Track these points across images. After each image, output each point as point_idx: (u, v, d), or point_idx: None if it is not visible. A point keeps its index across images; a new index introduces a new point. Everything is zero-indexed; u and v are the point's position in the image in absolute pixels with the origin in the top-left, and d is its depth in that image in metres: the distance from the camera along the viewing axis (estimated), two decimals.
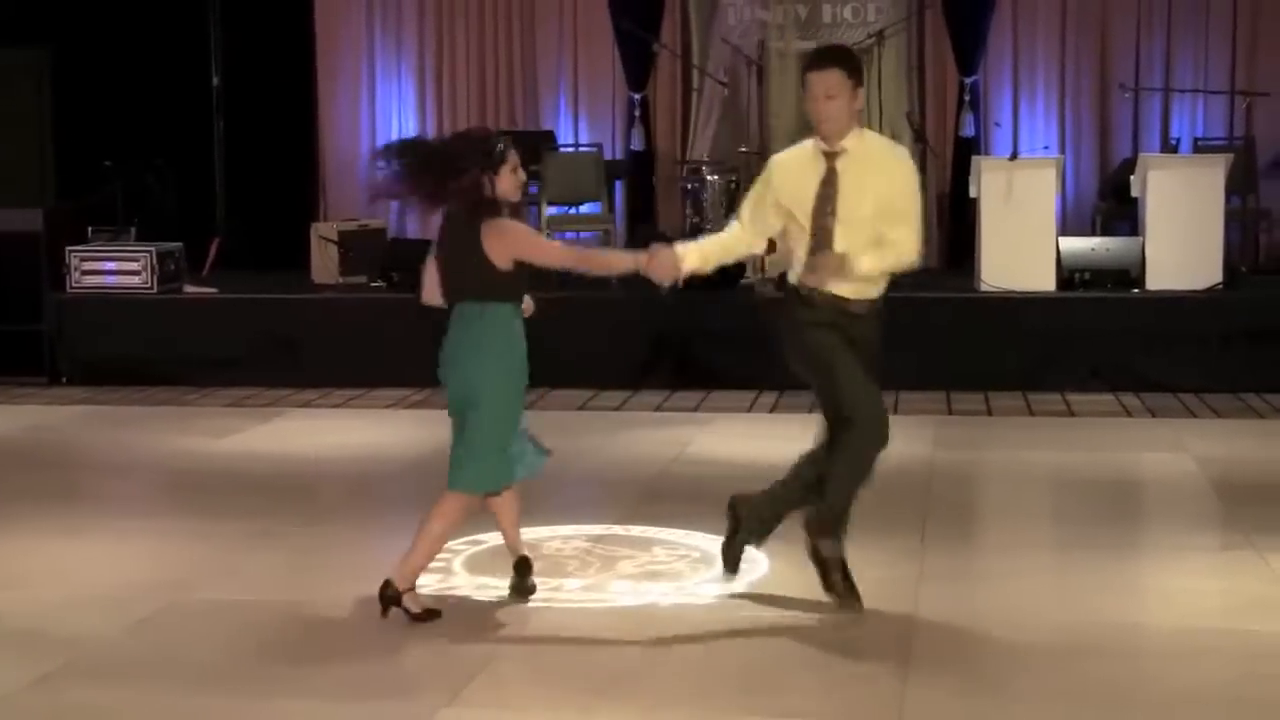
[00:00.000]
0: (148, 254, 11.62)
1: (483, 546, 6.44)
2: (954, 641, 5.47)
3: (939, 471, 8.15)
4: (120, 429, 9.80)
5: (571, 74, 14.15)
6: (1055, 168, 11.24)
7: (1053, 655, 5.30)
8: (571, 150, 13.49)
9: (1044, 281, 10.95)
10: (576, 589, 6.10)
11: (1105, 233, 12.15)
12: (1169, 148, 12.72)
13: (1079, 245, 11.32)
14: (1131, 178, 11.28)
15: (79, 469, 8.91)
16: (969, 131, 13.40)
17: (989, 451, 8.68)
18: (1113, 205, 12.47)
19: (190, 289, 11.96)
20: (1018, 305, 10.74)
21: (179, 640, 5.59)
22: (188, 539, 6.98)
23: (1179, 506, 7.64)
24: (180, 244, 12.12)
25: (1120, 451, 8.76)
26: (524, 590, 5.94)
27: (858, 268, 5.49)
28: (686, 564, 6.45)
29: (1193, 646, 5.41)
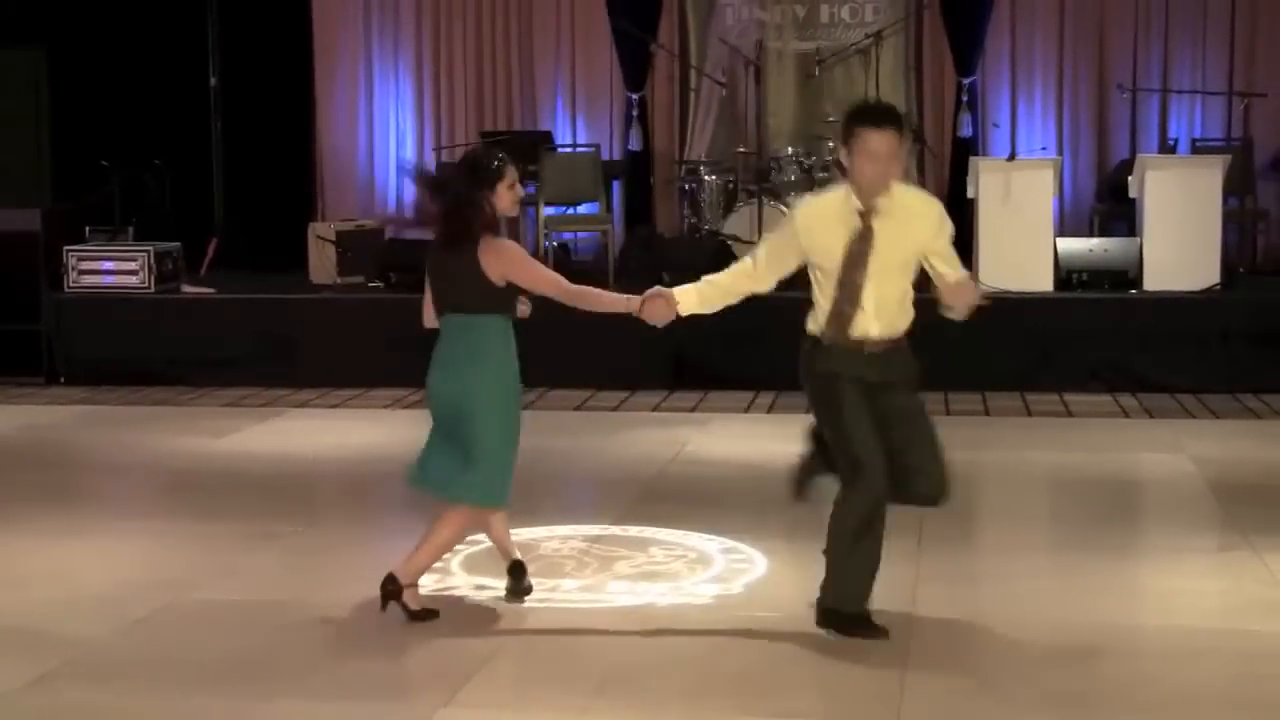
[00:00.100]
0: (145, 254, 11.61)
1: (480, 547, 6.43)
2: (951, 642, 5.47)
3: None
4: (118, 429, 9.80)
5: (569, 74, 14.14)
6: (1053, 168, 11.24)
7: (1050, 656, 5.30)
8: (569, 150, 13.47)
9: (1042, 282, 10.95)
10: (574, 589, 6.10)
11: (1103, 233, 12.14)
12: (1167, 149, 12.73)
13: (1077, 246, 11.33)
14: (1129, 178, 11.28)
15: (76, 469, 8.90)
16: (967, 132, 13.38)
17: (987, 452, 8.67)
18: (1111, 206, 12.47)
19: (188, 289, 11.95)
20: (1016, 306, 10.72)
21: (176, 640, 5.59)
22: (185, 539, 6.98)
23: (1177, 507, 7.64)
24: (178, 244, 12.11)
25: (1118, 452, 8.76)
26: (520, 592, 5.94)
27: (961, 280, 5.63)
28: (684, 564, 6.45)
29: (1190, 647, 5.42)
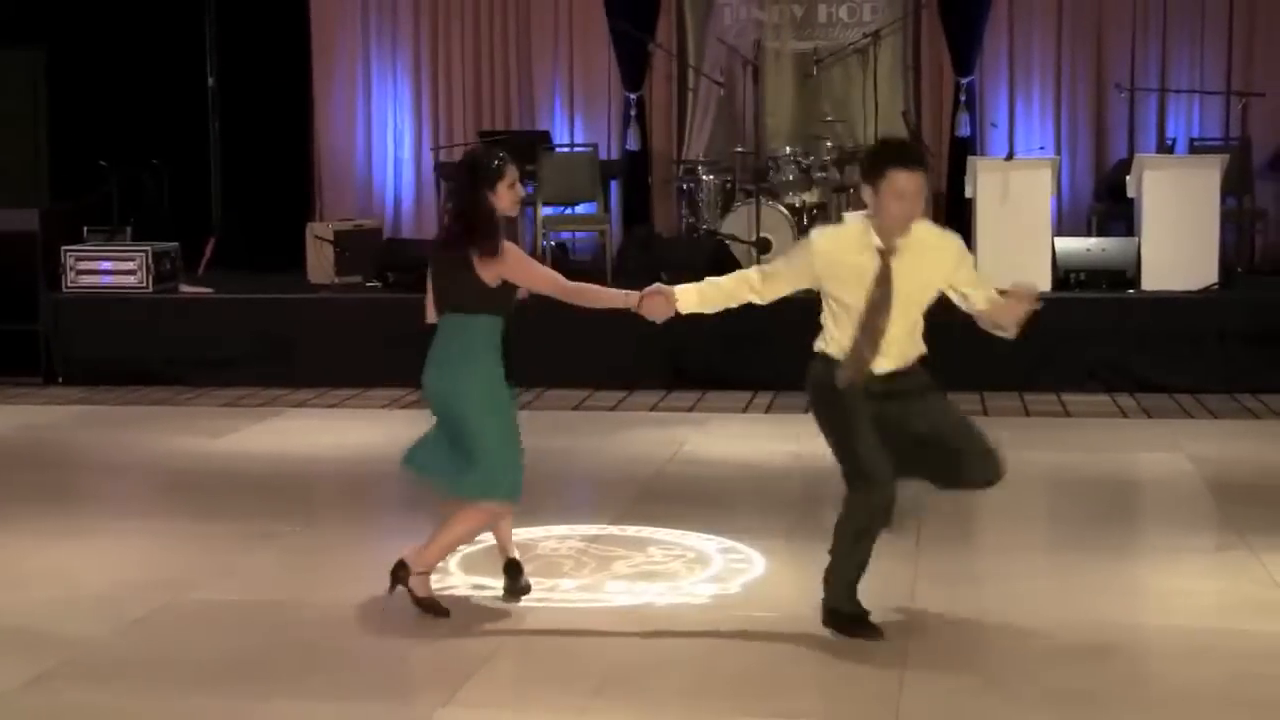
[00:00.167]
0: (143, 253, 11.61)
1: (478, 546, 6.42)
2: (950, 642, 5.47)
3: None
4: (116, 429, 9.79)
5: (567, 74, 14.14)
6: (1051, 168, 11.23)
7: (1049, 655, 5.30)
8: (567, 150, 13.47)
9: (1040, 282, 10.89)
10: (572, 589, 6.10)
11: (1101, 233, 12.14)
12: (1165, 148, 12.73)
13: (1075, 245, 11.32)
14: (1127, 178, 11.28)
15: (74, 469, 8.90)
16: (965, 132, 13.38)
17: None
18: (1108, 205, 12.46)
19: (186, 289, 11.95)
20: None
21: (174, 640, 5.59)
22: (183, 539, 6.98)
23: (1174, 507, 7.64)
24: (176, 244, 12.11)
25: (1116, 452, 8.76)
26: (517, 591, 5.94)
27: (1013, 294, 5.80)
28: (682, 564, 6.45)
29: (1188, 647, 5.42)
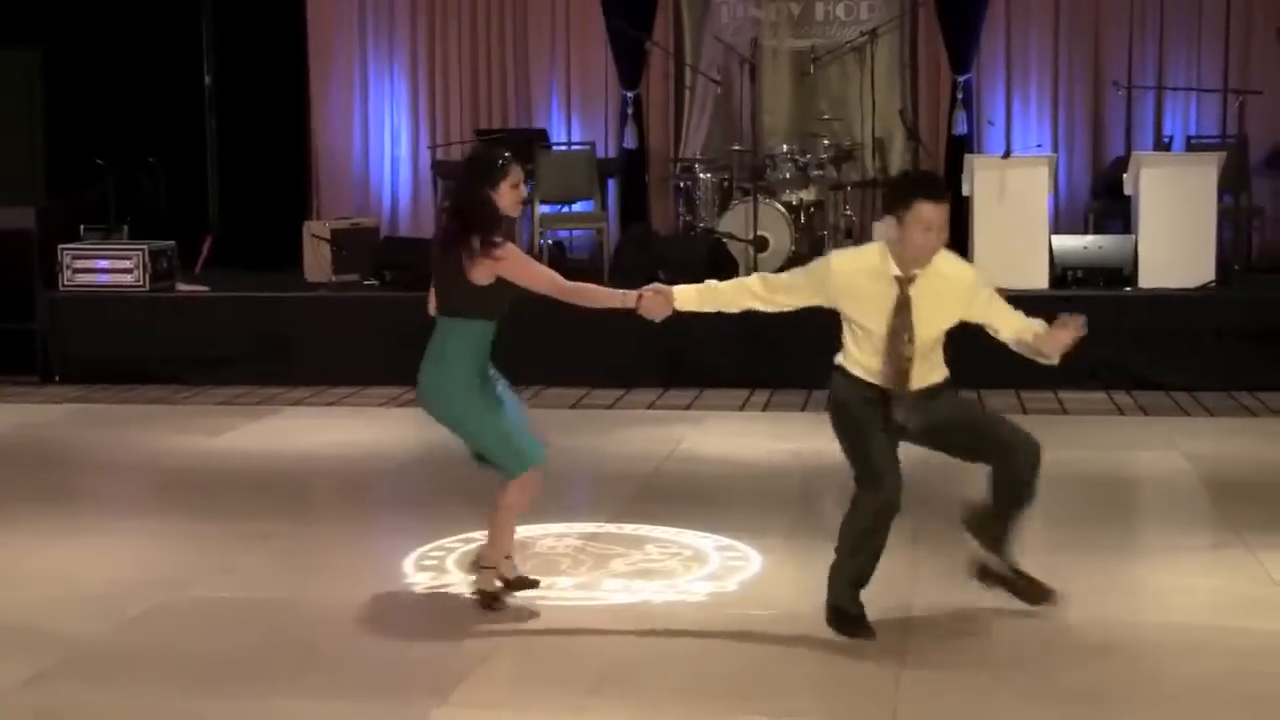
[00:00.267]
0: (140, 252, 11.60)
1: (477, 545, 6.42)
2: (947, 641, 5.47)
3: (932, 469, 8.11)
4: (112, 427, 9.79)
5: (564, 72, 14.14)
6: (1048, 166, 11.22)
7: (1045, 653, 5.30)
8: (564, 148, 13.46)
9: (1037, 279, 10.93)
10: (569, 587, 6.10)
11: (1098, 231, 12.15)
12: (1162, 146, 12.74)
13: (1072, 243, 11.32)
14: (1124, 175, 11.29)
15: (71, 468, 8.89)
16: (962, 130, 13.38)
17: None
18: (1106, 203, 12.47)
19: (183, 287, 11.95)
20: (1010, 303, 10.68)
21: (172, 639, 5.58)
22: (180, 537, 6.98)
23: (1171, 505, 7.64)
24: (173, 242, 12.10)
25: (1113, 449, 8.76)
26: (522, 585, 5.94)
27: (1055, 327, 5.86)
28: (679, 562, 6.45)
29: (1184, 644, 5.42)
